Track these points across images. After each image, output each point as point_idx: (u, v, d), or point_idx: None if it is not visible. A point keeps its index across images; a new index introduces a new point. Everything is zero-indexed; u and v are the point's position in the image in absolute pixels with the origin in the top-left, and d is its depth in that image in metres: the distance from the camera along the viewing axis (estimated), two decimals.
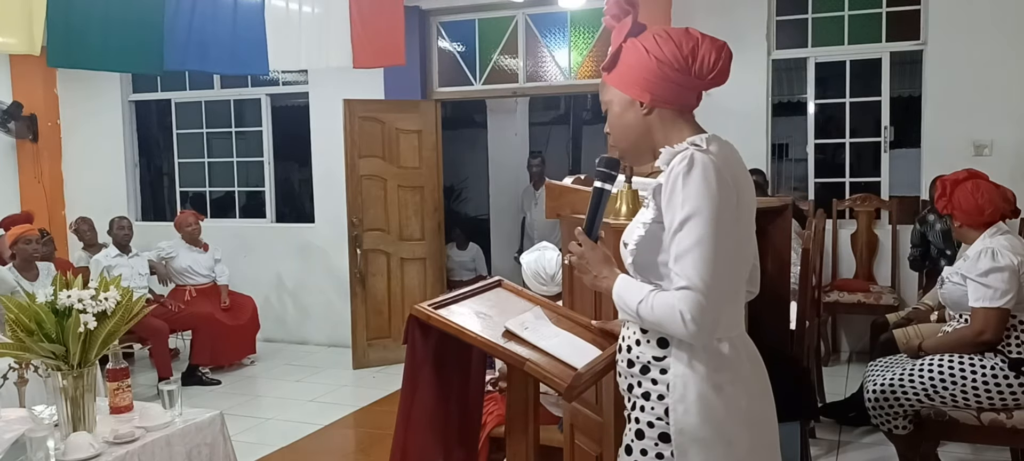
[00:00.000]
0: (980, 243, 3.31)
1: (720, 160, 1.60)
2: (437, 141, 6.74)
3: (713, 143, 1.65)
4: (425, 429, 2.10)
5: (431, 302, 2.07)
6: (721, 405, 1.63)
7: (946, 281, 3.44)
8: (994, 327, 3.22)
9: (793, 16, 6.15)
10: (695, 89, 1.73)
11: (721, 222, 1.56)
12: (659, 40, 1.72)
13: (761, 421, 1.72)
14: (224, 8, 5.39)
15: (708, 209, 1.55)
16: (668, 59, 1.69)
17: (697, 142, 1.63)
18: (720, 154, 1.62)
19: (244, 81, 7.51)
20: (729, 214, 1.58)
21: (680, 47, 1.69)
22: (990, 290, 3.18)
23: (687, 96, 1.74)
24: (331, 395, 5.82)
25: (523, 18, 6.77)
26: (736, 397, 1.65)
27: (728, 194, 1.58)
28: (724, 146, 1.67)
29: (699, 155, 1.58)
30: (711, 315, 1.56)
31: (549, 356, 1.92)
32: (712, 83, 1.72)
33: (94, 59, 5.09)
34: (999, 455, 4.03)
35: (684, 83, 1.71)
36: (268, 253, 7.44)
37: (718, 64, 1.69)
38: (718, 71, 1.70)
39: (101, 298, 2.56)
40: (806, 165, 6.33)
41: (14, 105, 7.63)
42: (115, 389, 2.83)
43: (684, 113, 1.75)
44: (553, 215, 2.49)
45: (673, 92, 1.72)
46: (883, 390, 3.43)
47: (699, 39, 1.70)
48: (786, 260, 2.86)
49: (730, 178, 1.60)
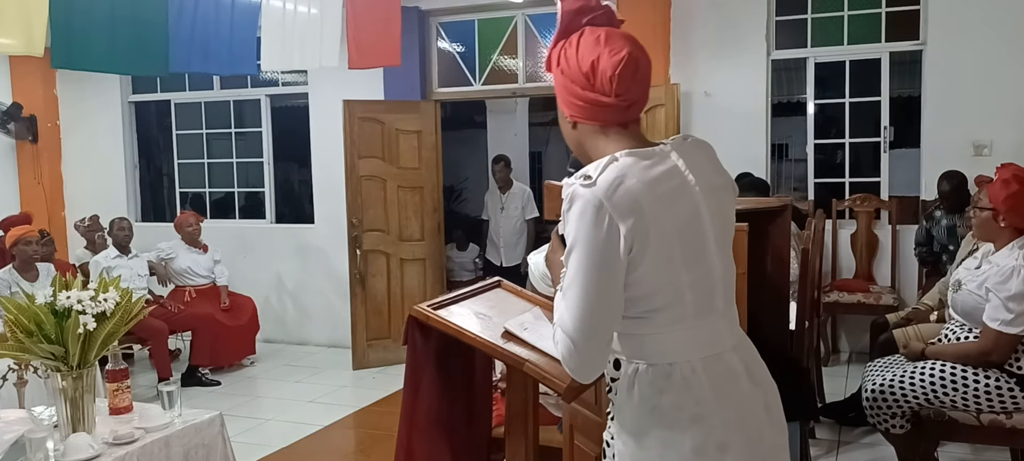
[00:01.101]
0: (1011, 257, 3.11)
1: (610, 193, 1.45)
2: (437, 141, 6.74)
3: (611, 171, 1.47)
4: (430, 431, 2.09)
5: (430, 303, 2.07)
6: (659, 432, 1.55)
7: (961, 286, 3.29)
8: (1003, 351, 3.13)
9: (792, 16, 6.15)
10: (607, 106, 1.54)
11: (595, 263, 1.46)
12: (567, 53, 1.57)
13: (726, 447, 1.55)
14: (224, 9, 5.40)
15: (582, 247, 1.47)
16: (571, 74, 1.56)
17: (589, 174, 1.48)
18: (615, 185, 1.45)
19: (244, 82, 7.51)
20: (607, 253, 1.46)
21: (581, 62, 1.54)
22: (1011, 315, 3.04)
23: (600, 113, 1.56)
24: (331, 396, 5.82)
25: (522, 18, 6.77)
26: (680, 423, 1.54)
27: (606, 233, 1.44)
28: (634, 170, 1.48)
29: (581, 190, 1.47)
30: (584, 357, 1.51)
31: (548, 357, 1.92)
32: (621, 99, 1.53)
33: (99, 61, 5.07)
34: (999, 455, 4.02)
35: (590, 100, 1.55)
36: (268, 254, 7.44)
37: (614, 81, 1.51)
38: (618, 88, 1.52)
39: (100, 299, 2.56)
40: (806, 165, 6.33)
41: (14, 106, 7.63)
42: (114, 390, 2.83)
43: (608, 127, 1.58)
44: (552, 215, 2.48)
45: (583, 109, 1.57)
46: (881, 389, 3.40)
47: (600, 53, 1.52)
48: (786, 260, 2.85)
49: (622, 211, 1.44)
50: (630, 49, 1.52)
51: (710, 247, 1.56)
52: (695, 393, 1.54)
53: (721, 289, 1.59)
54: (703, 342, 1.57)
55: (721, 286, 1.59)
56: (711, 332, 1.58)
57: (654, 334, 1.56)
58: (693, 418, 1.53)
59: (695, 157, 1.58)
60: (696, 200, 1.54)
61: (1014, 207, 3.13)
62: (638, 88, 1.55)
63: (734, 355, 1.60)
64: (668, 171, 1.53)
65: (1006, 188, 3.14)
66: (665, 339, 1.55)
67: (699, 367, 1.55)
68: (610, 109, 1.55)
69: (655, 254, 1.48)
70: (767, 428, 1.61)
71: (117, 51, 4.96)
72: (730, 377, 1.57)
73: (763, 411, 1.61)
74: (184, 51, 5.23)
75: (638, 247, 1.47)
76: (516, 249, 7.50)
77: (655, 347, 1.56)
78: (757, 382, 1.62)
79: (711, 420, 1.53)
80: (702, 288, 1.56)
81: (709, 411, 1.54)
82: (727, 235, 1.63)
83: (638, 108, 1.58)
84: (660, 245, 1.49)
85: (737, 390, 1.57)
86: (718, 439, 1.54)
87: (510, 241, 7.51)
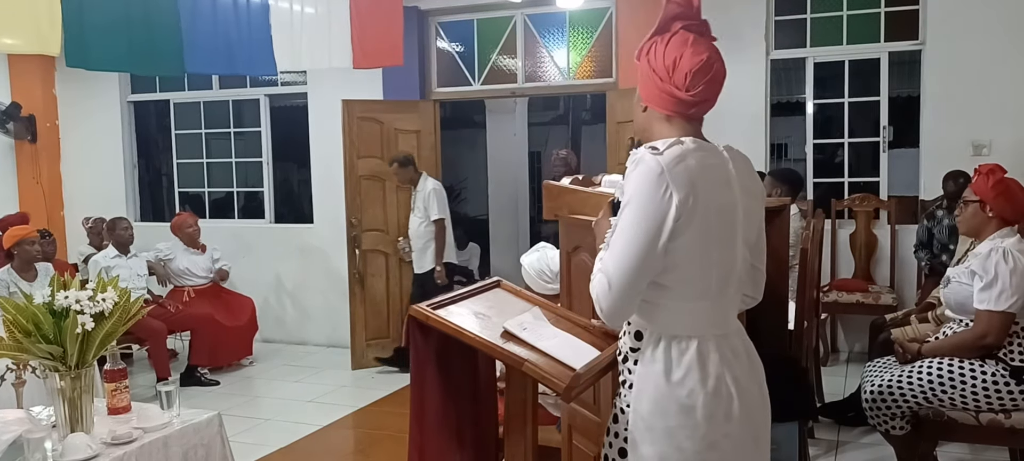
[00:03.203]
0: (990, 242, 3.24)
1: (672, 165, 1.67)
2: (436, 141, 6.74)
3: (676, 149, 1.70)
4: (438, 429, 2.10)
5: (429, 302, 2.07)
6: (674, 401, 1.73)
7: (951, 280, 3.36)
8: (997, 331, 3.16)
9: (792, 16, 6.15)
10: (678, 98, 1.77)
11: (647, 220, 1.66)
12: (656, 46, 1.80)
13: (726, 422, 1.76)
14: (235, 10, 5.39)
15: (637, 204, 1.67)
16: (655, 65, 1.79)
17: (656, 146, 1.71)
18: (677, 160, 1.68)
19: (243, 81, 7.50)
20: (658, 215, 1.66)
21: (667, 56, 1.77)
22: (996, 290, 3.11)
23: (670, 102, 1.78)
24: (330, 396, 5.81)
25: (522, 18, 6.77)
26: (692, 395, 1.73)
27: (662, 197, 1.65)
28: (695, 154, 1.71)
29: (648, 156, 1.69)
30: (616, 299, 1.70)
31: (548, 357, 1.92)
32: (691, 94, 1.75)
33: (115, 61, 5.07)
34: (998, 455, 4.02)
35: (666, 90, 1.78)
36: (267, 254, 7.43)
37: (689, 77, 1.74)
38: (691, 83, 1.74)
39: (98, 299, 2.56)
40: (805, 165, 6.33)
41: (13, 106, 7.62)
42: (113, 390, 2.83)
43: (674, 117, 1.81)
44: (551, 215, 2.49)
45: (657, 97, 1.80)
46: (880, 390, 3.40)
47: (684, 53, 1.75)
48: (784, 260, 2.85)
49: (679, 183, 1.66)
50: (710, 55, 1.76)
51: (738, 239, 1.80)
52: (709, 366, 1.75)
53: (736, 278, 1.83)
54: (717, 320, 1.79)
55: (736, 274, 1.82)
56: (723, 313, 1.81)
57: (680, 307, 1.76)
58: (706, 388, 1.74)
59: (739, 162, 1.84)
60: (735, 195, 1.79)
61: (1001, 193, 3.25)
62: (709, 89, 1.76)
63: (737, 338, 1.84)
64: (719, 163, 1.78)
65: (991, 176, 3.28)
66: (689, 313, 1.76)
67: (712, 343, 1.77)
68: (680, 102, 1.77)
69: (697, 228, 1.69)
70: (760, 403, 1.86)
71: (132, 51, 4.96)
72: (735, 355, 1.81)
73: (758, 388, 1.86)
74: (200, 52, 5.23)
75: (685, 218, 1.67)
76: (425, 256, 6.23)
77: (679, 320, 1.77)
78: (753, 362, 1.87)
79: (721, 390, 1.75)
80: (725, 271, 1.78)
81: (720, 383, 1.75)
82: (753, 236, 1.87)
83: (704, 108, 1.81)
84: (703, 222, 1.70)
85: (740, 366, 1.80)
86: (725, 408, 1.75)
87: (416, 245, 6.29)
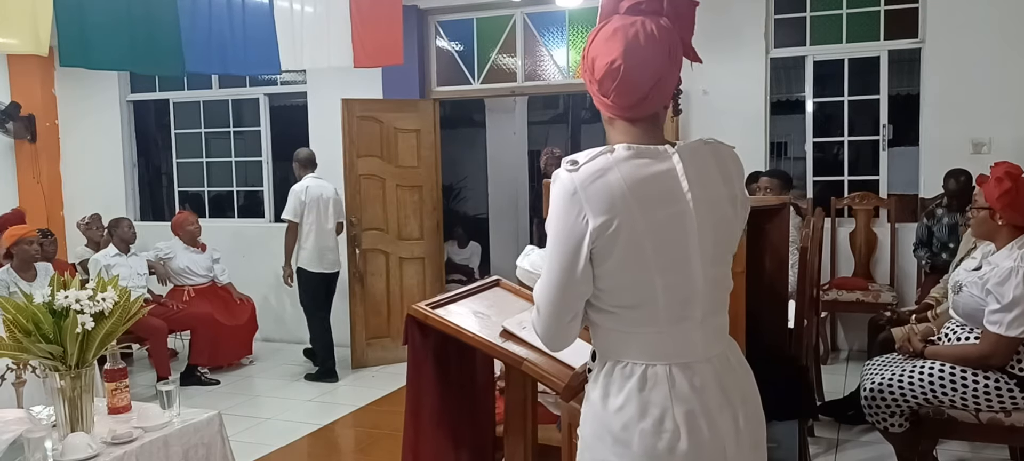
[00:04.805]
0: (1010, 257, 3.09)
1: (587, 183, 1.47)
2: (436, 140, 6.74)
3: (598, 161, 1.49)
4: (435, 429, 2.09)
5: (428, 302, 2.07)
6: (608, 432, 1.56)
7: (962, 289, 3.27)
8: (1003, 354, 3.11)
9: (791, 14, 6.15)
10: (602, 102, 1.57)
11: (562, 245, 1.51)
12: (590, 39, 1.58)
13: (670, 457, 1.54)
14: (237, 10, 5.38)
15: (552, 227, 1.53)
16: (585, 63, 1.58)
17: (577, 159, 1.51)
18: (595, 177, 1.47)
19: (242, 81, 7.50)
20: (573, 239, 1.49)
21: (589, 53, 1.56)
22: (1010, 316, 3.02)
23: (601, 105, 1.58)
24: (330, 395, 5.81)
25: (521, 17, 6.76)
26: (627, 429, 1.54)
27: (576, 220, 1.48)
28: (623, 166, 1.49)
29: (562, 173, 1.50)
30: (545, 325, 1.59)
31: (547, 356, 1.92)
32: (613, 103, 1.54)
33: (114, 60, 5.03)
34: (998, 453, 4.02)
35: (593, 92, 1.58)
36: (267, 253, 7.40)
37: (597, 84, 1.54)
38: (601, 90, 1.54)
39: (98, 298, 2.55)
40: (805, 163, 6.33)
41: (12, 105, 7.61)
42: (113, 389, 2.82)
43: (615, 120, 1.58)
44: None
45: (594, 98, 1.60)
46: (879, 388, 3.39)
47: (600, 52, 1.54)
48: (784, 258, 2.85)
49: (594, 204, 1.46)
50: (619, 57, 1.50)
51: (692, 256, 1.54)
52: (654, 396, 1.54)
53: (701, 300, 1.56)
54: (673, 349, 1.56)
55: (701, 297, 1.56)
56: (684, 341, 1.57)
57: (626, 332, 1.57)
58: (643, 421, 1.54)
59: (701, 164, 1.56)
60: (683, 208, 1.52)
61: (1009, 204, 3.12)
62: (625, 96, 1.52)
63: (707, 367, 1.58)
64: (661, 173, 1.52)
65: (1000, 186, 3.14)
66: (636, 339, 1.56)
67: (663, 373, 1.55)
68: (606, 106, 1.57)
69: (624, 252, 1.49)
70: (731, 445, 1.58)
71: (131, 50, 4.92)
72: (695, 388, 1.55)
73: (731, 426, 1.59)
74: (200, 52, 5.20)
75: (605, 242, 1.47)
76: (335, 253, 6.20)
77: (625, 345, 1.57)
78: (729, 397, 1.59)
79: (663, 424, 1.53)
80: (677, 295, 1.54)
81: (665, 415, 1.53)
82: (721, 248, 1.60)
83: (640, 110, 1.54)
84: (630, 244, 1.48)
85: (704, 399, 1.56)
86: (668, 444, 1.53)
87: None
